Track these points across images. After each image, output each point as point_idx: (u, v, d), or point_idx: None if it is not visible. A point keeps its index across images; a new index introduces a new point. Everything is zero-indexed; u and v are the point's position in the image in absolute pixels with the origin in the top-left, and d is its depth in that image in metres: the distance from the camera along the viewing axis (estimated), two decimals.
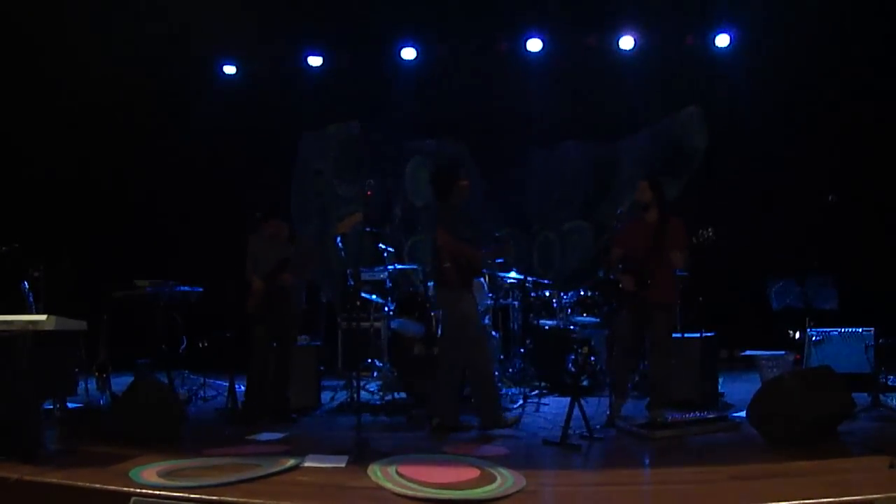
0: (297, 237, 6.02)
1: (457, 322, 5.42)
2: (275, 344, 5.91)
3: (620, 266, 5.64)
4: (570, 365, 6.97)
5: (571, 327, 7.35)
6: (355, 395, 5.58)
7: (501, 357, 7.29)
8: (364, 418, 4.81)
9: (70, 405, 5.88)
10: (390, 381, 6.73)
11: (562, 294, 7.54)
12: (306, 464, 4.22)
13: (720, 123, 9.12)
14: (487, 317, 7.08)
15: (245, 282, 5.93)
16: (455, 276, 5.37)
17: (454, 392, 5.53)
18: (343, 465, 4.23)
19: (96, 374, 6.63)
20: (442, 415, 5.42)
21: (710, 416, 5.40)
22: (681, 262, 5.48)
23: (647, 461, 4.46)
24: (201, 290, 7.30)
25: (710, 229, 5.26)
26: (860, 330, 6.43)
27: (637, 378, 6.50)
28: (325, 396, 6.75)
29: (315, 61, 9.55)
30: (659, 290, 5.39)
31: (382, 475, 3.93)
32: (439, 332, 6.47)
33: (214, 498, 3.53)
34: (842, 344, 6.45)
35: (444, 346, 5.62)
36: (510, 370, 7.42)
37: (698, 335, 6.35)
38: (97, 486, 3.72)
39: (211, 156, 9.22)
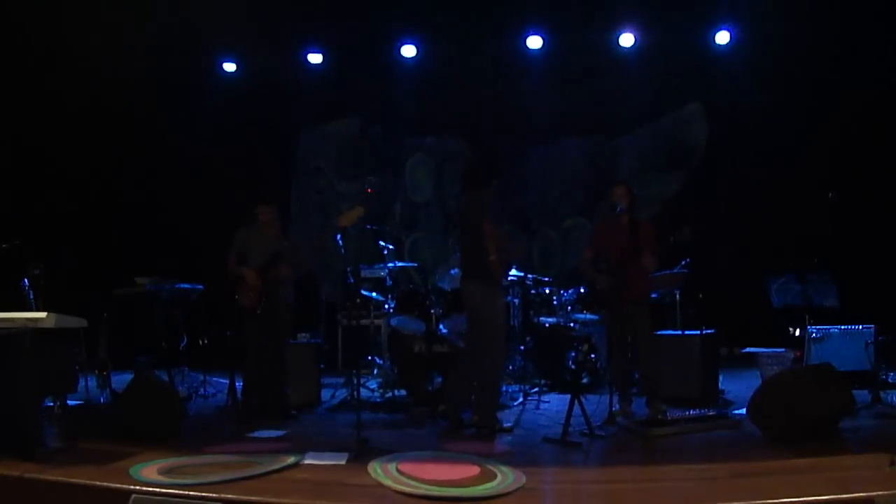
0: (290, 231, 5.98)
1: (492, 317, 5.32)
2: (268, 340, 5.89)
3: (603, 266, 5.66)
4: (570, 362, 6.97)
5: (572, 325, 7.35)
6: (355, 393, 5.57)
7: None
8: (364, 416, 4.80)
9: (70, 402, 5.87)
10: (390, 378, 6.73)
11: (562, 291, 7.54)
12: (306, 461, 4.22)
13: (720, 120, 9.12)
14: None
15: (231, 274, 5.87)
16: (499, 269, 5.34)
17: (471, 387, 5.48)
18: (343, 462, 4.23)
19: (96, 371, 6.63)
20: (454, 405, 5.40)
21: (711, 413, 5.40)
22: (653, 265, 5.49)
23: (647, 458, 4.46)
24: (201, 287, 7.29)
25: (686, 228, 5.27)
26: (860, 327, 6.43)
27: (637, 376, 6.50)
28: (326, 394, 6.74)
29: (315, 58, 9.54)
30: (636, 287, 5.44)
31: (383, 472, 3.93)
32: (441, 329, 6.47)
33: (214, 495, 3.52)
34: (842, 341, 6.45)
35: (472, 341, 5.48)
36: (510, 367, 7.41)
37: (699, 332, 6.34)
38: (97, 483, 3.72)
39: (211, 153, 9.20)
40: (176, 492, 3.57)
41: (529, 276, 7.43)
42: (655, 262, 5.50)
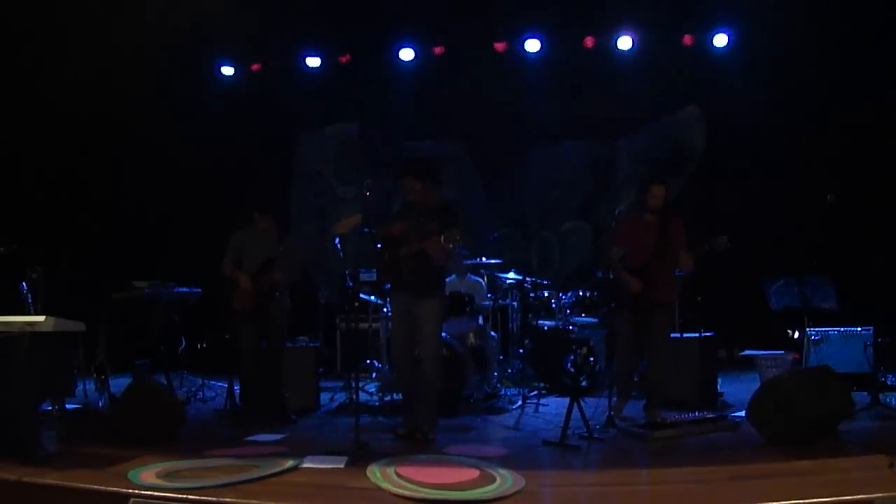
0: (285, 237, 5.98)
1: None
2: (263, 344, 5.88)
3: (624, 266, 5.58)
4: (569, 365, 6.96)
5: (570, 327, 7.35)
6: (354, 396, 5.57)
7: (500, 357, 7.29)
8: (363, 419, 4.79)
9: (68, 406, 5.86)
10: (389, 382, 6.72)
11: (560, 294, 7.54)
12: (305, 465, 4.22)
13: (719, 123, 9.12)
14: (479, 317, 7.07)
15: (227, 278, 5.86)
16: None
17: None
18: (342, 465, 4.22)
19: (95, 375, 6.62)
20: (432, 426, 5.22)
21: (710, 415, 5.39)
22: (689, 263, 5.38)
23: (646, 461, 4.46)
24: (200, 291, 7.29)
25: (724, 237, 5.21)
26: (859, 329, 6.43)
27: (637, 378, 6.49)
28: (324, 397, 6.74)
29: (313, 62, 9.55)
30: (661, 289, 5.37)
31: (381, 476, 3.92)
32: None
33: (213, 499, 3.52)
34: (841, 343, 6.45)
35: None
36: (509, 371, 7.42)
37: (697, 335, 6.35)
38: (96, 487, 3.71)
39: (209, 157, 9.20)
40: (175, 495, 3.57)
41: (528, 279, 7.44)
42: (691, 261, 5.36)
